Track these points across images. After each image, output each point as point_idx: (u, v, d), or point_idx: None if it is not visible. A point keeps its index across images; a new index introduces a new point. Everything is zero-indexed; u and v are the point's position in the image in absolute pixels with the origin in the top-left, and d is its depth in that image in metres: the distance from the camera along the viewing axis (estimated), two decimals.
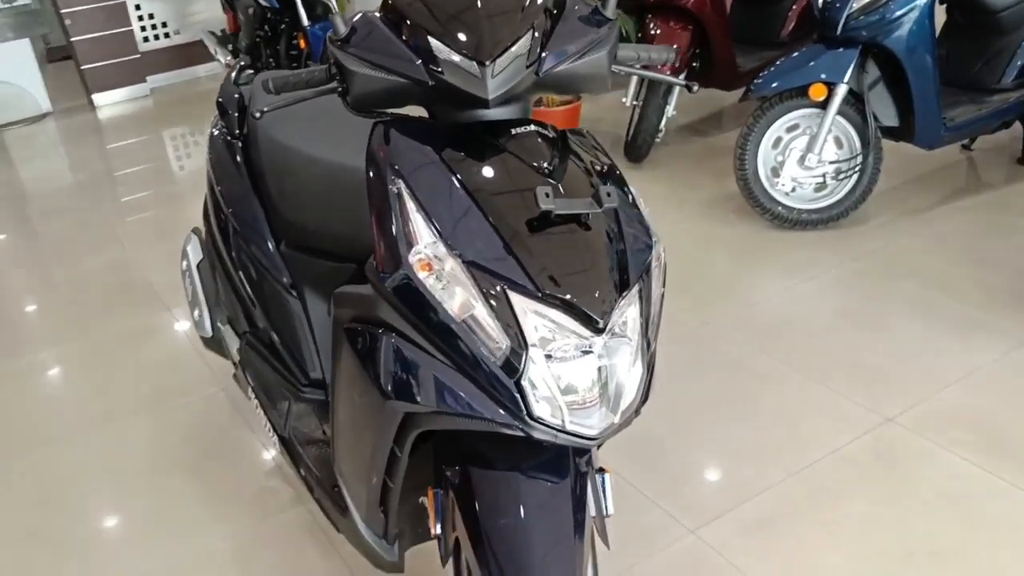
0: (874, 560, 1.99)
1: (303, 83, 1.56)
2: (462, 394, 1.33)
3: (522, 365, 1.29)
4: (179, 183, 4.83)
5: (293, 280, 2.06)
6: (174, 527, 2.29)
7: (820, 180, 3.41)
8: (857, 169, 3.36)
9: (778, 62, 3.38)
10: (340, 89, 1.51)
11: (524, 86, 1.45)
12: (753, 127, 3.40)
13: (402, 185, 1.39)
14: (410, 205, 1.38)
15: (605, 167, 1.52)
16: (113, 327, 3.29)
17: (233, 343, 2.21)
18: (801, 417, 2.46)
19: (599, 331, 1.32)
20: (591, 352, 1.33)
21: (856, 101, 3.31)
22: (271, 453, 2.51)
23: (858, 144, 3.35)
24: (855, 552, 2.02)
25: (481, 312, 1.31)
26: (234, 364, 2.27)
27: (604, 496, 1.49)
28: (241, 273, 2.13)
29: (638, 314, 1.39)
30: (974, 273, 3.09)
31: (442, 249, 1.34)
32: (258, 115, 1.53)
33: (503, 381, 1.30)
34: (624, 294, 1.37)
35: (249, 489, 2.38)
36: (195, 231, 2.53)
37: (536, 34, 1.43)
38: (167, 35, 6.65)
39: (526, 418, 1.30)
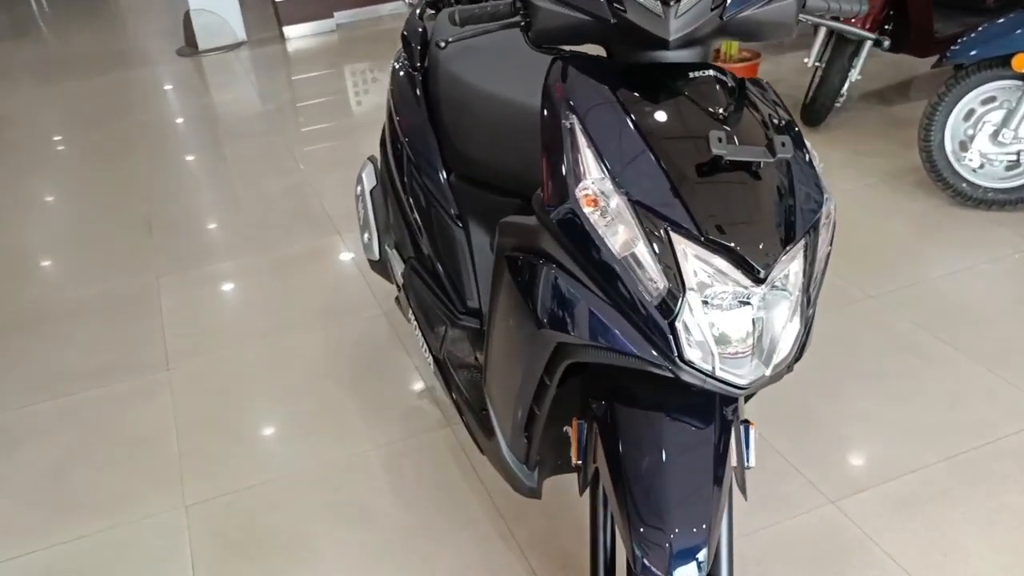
0: (1022, 556, 1.90)
1: (487, 16, 1.60)
2: (616, 330, 1.36)
3: (678, 307, 1.31)
4: (357, 116, 5.03)
5: (459, 211, 2.14)
6: (332, 430, 2.45)
7: (1013, 158, 3.18)
8: None
9: (980, 28, 3.16)
10: (523, 24, 1.54)
11: (706, 29, 1.44)
12: (945, 96, 3.21)
13: (575, 120, 1.42)
14: (581, 140, 1.40)
15: (783, 120, 1.49)
16: (289, 247, 3.50)
17: (398, 267, 2.32)
18: (963, 402, 2.35)
19: (759, 281, 1.31)
20: (748, 302, 1.32)
21: None
22: (424, 375, 2.63)
23: None
24: (1003, 544, 1.93)
25: (642, 251, 1.33)
26: (397, 287, 2.39)
27: (747, 448, 1.50)
28: (411, 200, 2.23)
29: (801, 269, 1.37)
30: None
31: (609, 186, 1.36)
32: (443, 45, 1.59)
33: (657, 321, 1.32)
34: (789, 248, 1.35)
35: (401, 406, 2.52)
36: (371, 159, 2.65)
37: None
38: None
39: (677, 360, 1.32)
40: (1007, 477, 2.10)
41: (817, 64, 4.01)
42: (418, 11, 2.57)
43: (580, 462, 1.52)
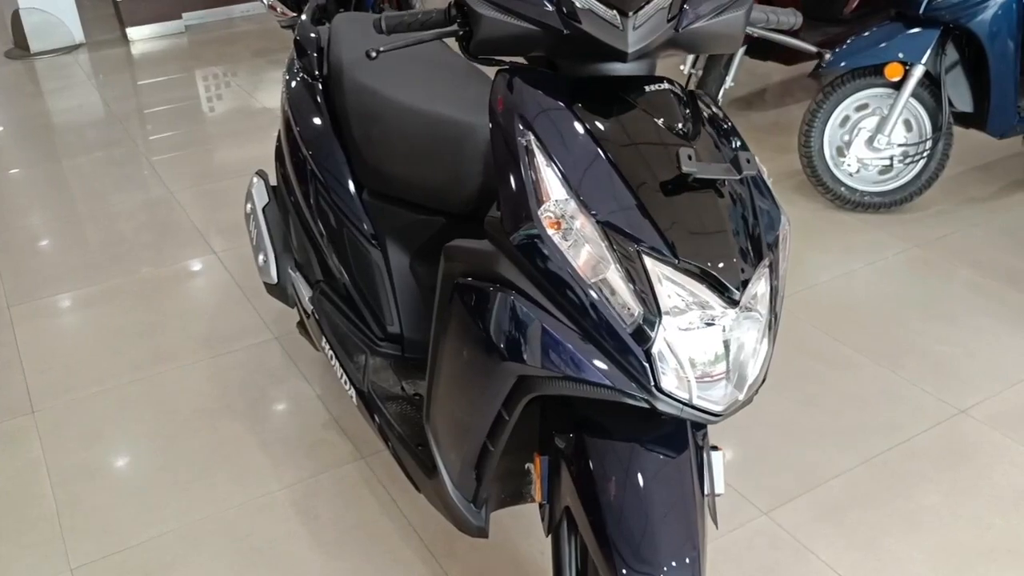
0: (953, 553, 1.95)
1: (419, 24, 1.49)
2: (587, 360, 1.27)
3: (654, 334, 1.24)
4: (213, 124, 4.74)
5: (375, 230, 2.00)
6: (230, 470, 2.24)
7: (887, 163, 3.33)
8: (926, 154, 3.28)
9: (851, 39, 3.28)
10: (461, 33, 1.44)
11: (660, 41, 1.38)
12: (822, 104, 3.31)
13: (532, 138, 1.33)
14: (540, 159, 1.31)
15: (733, 134, 1.46)
16: (158, 267, 3.22)
17: (304, 291, 2.15)
18: (870, 403, 2.41)
19: (733, 303, 1.27)
20: (719, 325, 1.27)
21: (931, 84, 3.22)
22: (328, 405, 2.46)
23: (929, 128, 3.27)
24: (932, 544, 1.97)
25: (614, 276, 1.26)
26: (302, 313, 2.21)
27: (716, 474, 1.44)
28: (319, 219, 2.07)
29: (768, 289, 1.34)
30: None
31: (574, 207, 1.28)
32: (374, 55, 1.46)
33: (633, 350, 1.25)
34: (757, 267, 1.31)
35: (306, 439, 2.34)
36: (259, 174, 2.46)
37: None
38: None
39: (653, 389, 1.25)
40: (923, 477, 2.16)
41: (693, 71, 4.08)
42: (307, 16, 2.41)
43: (544, 501, 1.43)
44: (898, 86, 3.20)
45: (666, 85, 1.42)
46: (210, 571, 1.97)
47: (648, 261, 1.25)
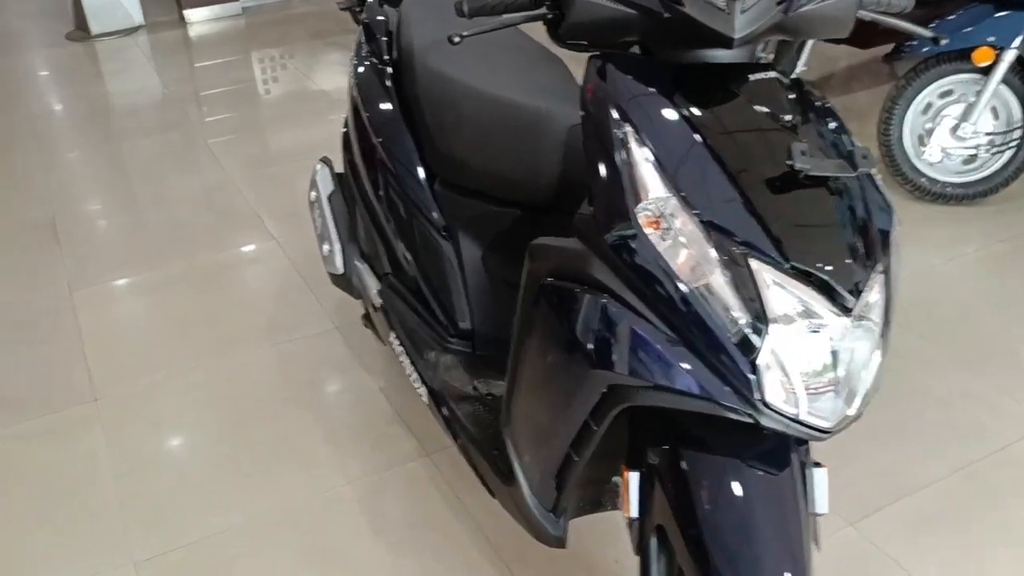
0: None
1: (503, 7, 1.40)
2: (687, 371, 1.19)
3: (761, 343, 1.15)
4: (271, 106, 4.70)
5: (446, 221, 1.92)
6: (295, 464, 2.20)
7: (972, 152, 3.17)
8: (1014, 143, 3.11)
9: (936, 22, 3.12)
10: (550, 16, 1.35)
11: (768, 25, 1.28)
12: (904, 90, 3.16)
13: (628, 130, 1.24)
14: (638, 153, 1.22)
15: (842, 125, 1.36)
16: (218, 253, 3.19)
17: (371, 284, 2.09)
18: (960, 408, 2.28)
19: (846, 311, 1.17)
20: (830, 334, 1.18)
21: (1022, 70, 3.05)
22: (391, 398, 2.40)
23: (1019, 116, 3.10)
24: None
25: (718, 280, 1.16)
26: (369, 306, 2.15)
27: (820, 494, 1.35)
28: (388, 210, 2.00)
29: (882, 296, 1.24)
30: None
31: (675, 204, 1.19)
32: (457, 40, 1.37)
33: (736, 360, 1.16)
34: (872, 273, 1.22)
35: (371, 433, 2.28)
36: (324, 160, 2.41)
37: None
38: None
39: (759, 404, 1.16)
40: (1019, 486, 2.04)
41: (761, 55, 3.93)
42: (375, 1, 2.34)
43: (634, 517, 1.34)
44: (986, 71, 3.03)
45: (772, 74, 1.32)
46: (274, 568, 1.92)
47: (755, 264, 1.16)
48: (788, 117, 1.27)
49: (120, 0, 5.97)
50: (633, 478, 1.33)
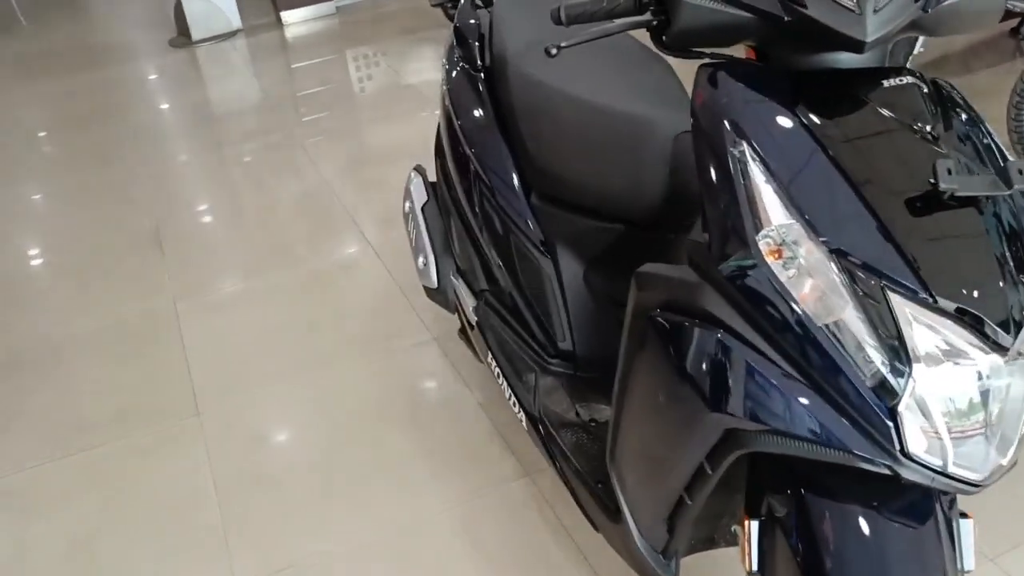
0: None
1: (604, 13, 1.29)
2: (816, 417, 1.07)
3: (903, 389, 1.02)
4: (368, 108, 4.69)
5: (544, 237, 1.83)
6: (396, 482, 2.16)
7: None
8: None
9: None
10: (655, 23, 1.24)
11: (903, 25, 1.14)
12: None
13: (746, 148, 1.12)
14: (758, 174, 1.11)
15: (989, 133, 1.20)
16: (317, 262, 3.19)
17: (468, 300, 2.01)
18: None
19: (1002, 350, 1.03)
20: (980, 370, 1.04)
21: None
22: (489, 413, 2.33)
23: None
24: None
25: (852, 317, 1.04)
26: (466, 323, 2.08)
27: (966, 547, 1.21)
28: (484, 224, 1.92)
29: None
30: None
31: (801, 232, 1.08)
32: (554, 51, 1.28)
33: (873, 407, 1.04)
34: None
35: (468, 451, 2.22)
36: (417, 169, 2.35)
37: None
38: None
39: (899, 455, 1.04)
40: None
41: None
42: (469, 1, 2.25)
43: (756, 571, 1.23)
44: None
45: (909, 79, 1.18)
46: None
47: (895, 299, 1.03)
48: (929, 128, 1.14)
49: (219, 5, 6.07)
50: (754, 527, 1.22)
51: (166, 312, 2.98)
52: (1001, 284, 1.05)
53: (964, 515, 1.21)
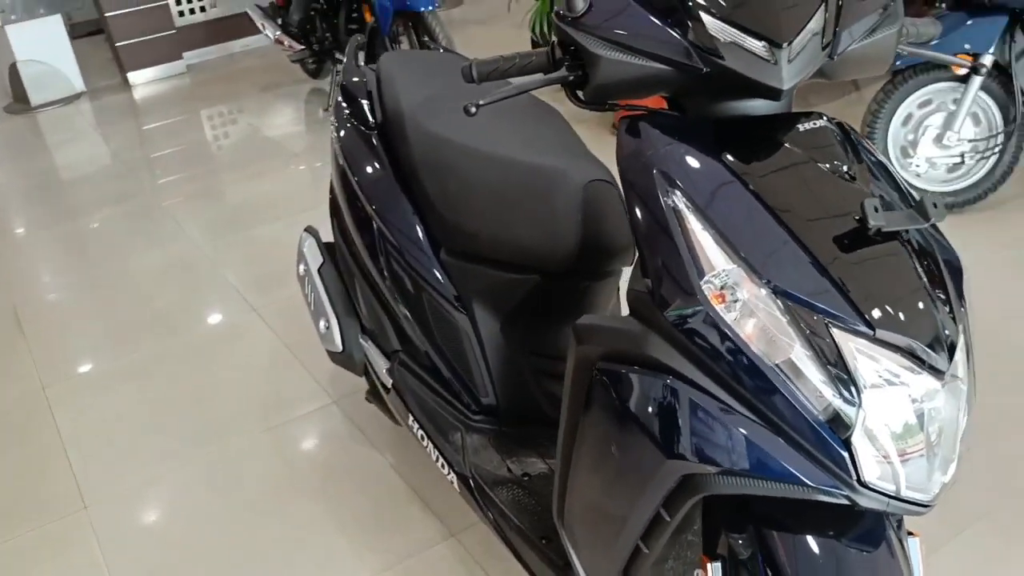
0: None
1: (516, 70, 1.30)
2: (773, 455, 1.09)
3: (855, 420, 1.06)
4: (231, 166, 4.55)
5: (458, 293, 1.81)
6: (314, 559, 2.05)
7: (957, 160, 3.14)
8: (998, 148, 3.09)
9: None
10: (571, 78, 1.25)
11: (812, 71, 1.20)
12: (884, 103, 3.13)
13: (679, 198, 1.14)
14: (694, 223, 1.13)
15: (893, 171, 1.28)
16: (196, 331, 3.04)
17: (379, 362, 1.96)
18: (994, 427, 2.22)
19: (938, 374, 1.09)
20: (924, 406, 1.09)
21: (999, 74, 3.04)
22: (404, 475, 2.26)
23: (999, 121, 3.09)
24: None
25: (800, 355, 1.07)
26: (380, 386, 2.01)
27: (916, 565, 1.25)
28: (392, 284, 1.88)
29: (965, 352, 1.16)
30: None
31: (742, 275, 1.10)
32: (474, 110, 1.27)
33: (828, 440, 1.07)
34: (958, 328, 1.14)
35: (386, 517, 2.15)
36: (309, 231, 2.28)
37: (828, 7, 1.19)
38: (203, 8, 6.34)
39: (856, 484, 1.07)
40: None
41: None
42: (349, 59, 2.23)
43: None
44: (964, 79, 3.01)
45: (820, 122, 1.24)
46: None
47: (839, 335, 1.07)
48: (845, 168, 1.19)
49: (59, 67, 5.78)
50: (715, 569, 1.23)
51: (35, 399, 2.76)
52: (931, 314, 1.10)
53: (911, 533, 1.25)
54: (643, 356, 1.18)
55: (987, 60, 2.95)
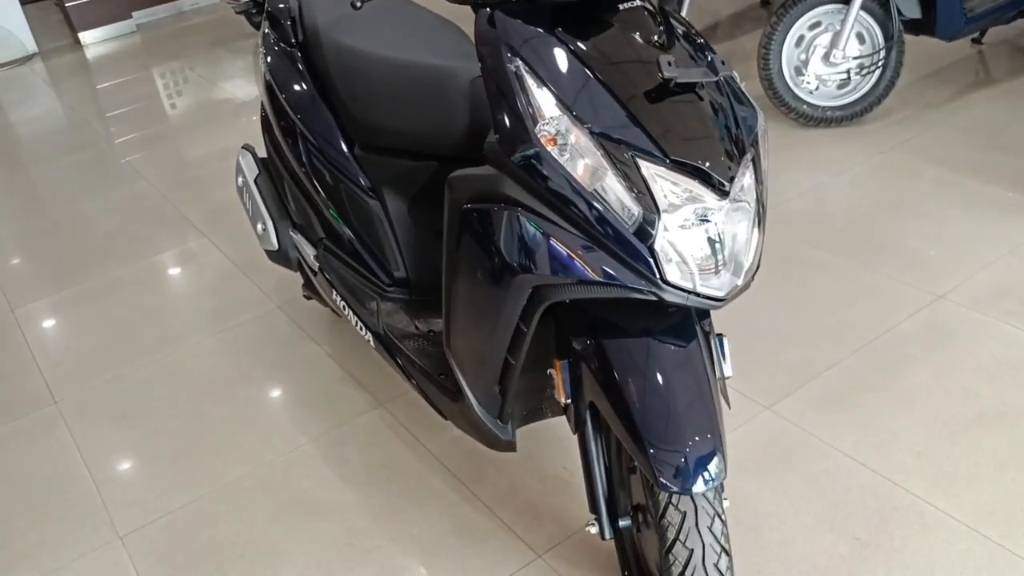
0: (945, 423, 2.09)
1: None
2: (597, 263, 1.38)
3: (655, 230, 1.34)
4: (184, 118, 4.77)
5: (371, 182, 2.08)
6: (259, 432, 2.34)
7: (844, 76, 3.44)
8: (880, 64, 3.39)
9: None
10: None
11: None
12: (776, 26, 3.42)
13: (520, 63, 1.42)
14: (531, 82, 1.41)
15: (705, 44, 1.56)
16: (153, 256, 3.29)
17: (308, 251, 2.24)
18: (854, 300, 2.54)
19: (724, 195, 1.37)
20: (713, 220, 1.38)
21: None
22: (339, 361, 2.55)
23: (881, 38, 3.38)
24: (926, 416, 2.11)
25: (612, 181, 1.36)
26: (309, 271, 2.30)
27: (724, 359, 1.56)
28: (315, 180, 2.15)
29: (753, 181, 1.45)
30: (1002, 158, 3.17)
31: (568, 122, 1.38)
32: (359, 4, 1.54)
33: (636, 247, 1.35)
34: (742, 161, 1.42)
35: (325, 395, 2.44)
36: (246, 147, 2.53)
37: None
38: None
39: (659, 282, 1.36)
40: (911, 359, 2.30)
41: None
42: None
43: (569, 401, 1.53)
44: (847, 0, 3.30)
45: (638, 3, 1.51)
46: (254, 522, 2.07)
47: (642, 163, 1.35)
48: (656, 38, 1.47)
49: (10, 29, 5.92)
50: (564, 366, 1.53)
51: (5, 319, 3.01)
52: (719, 148, 1.39)
53: (720, 334, 1.56)
54: (498, 194, 1.46)
55: None
